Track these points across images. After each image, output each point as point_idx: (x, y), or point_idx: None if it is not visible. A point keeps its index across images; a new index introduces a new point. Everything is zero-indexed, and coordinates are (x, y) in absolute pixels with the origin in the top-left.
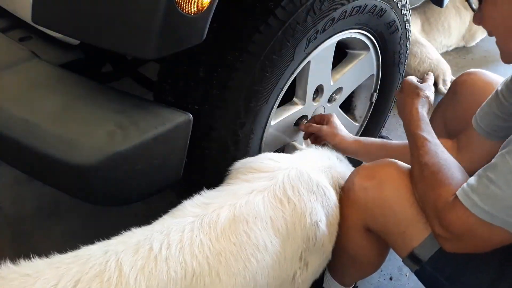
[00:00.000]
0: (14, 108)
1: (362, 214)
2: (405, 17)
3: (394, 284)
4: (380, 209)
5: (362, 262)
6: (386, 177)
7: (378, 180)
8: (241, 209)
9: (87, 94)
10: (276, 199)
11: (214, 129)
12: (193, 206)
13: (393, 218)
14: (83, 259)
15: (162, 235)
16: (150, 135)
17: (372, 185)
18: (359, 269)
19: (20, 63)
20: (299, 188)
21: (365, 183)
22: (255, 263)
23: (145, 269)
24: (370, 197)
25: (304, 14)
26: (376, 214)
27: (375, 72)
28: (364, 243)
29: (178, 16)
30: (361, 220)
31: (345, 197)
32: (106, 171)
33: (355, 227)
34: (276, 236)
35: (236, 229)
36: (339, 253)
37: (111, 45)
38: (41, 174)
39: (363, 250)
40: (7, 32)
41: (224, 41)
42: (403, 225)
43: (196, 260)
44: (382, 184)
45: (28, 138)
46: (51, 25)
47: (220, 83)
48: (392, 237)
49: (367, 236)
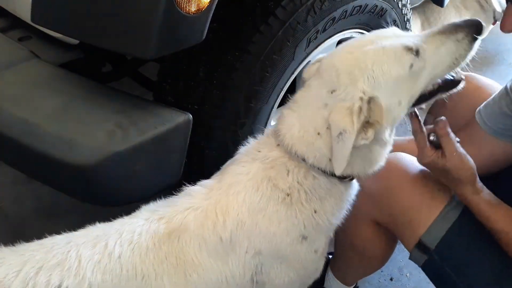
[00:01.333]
0: (13, 108)
1: (369, 206)
2: (406, 17)
3: (394, 284)
4: (386, 200)
5: (369, 257)
6: (390, 167)
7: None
8: (175, 225)
9: (87, 94)
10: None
11: (214, 129)
12: (147, 210)
13: (398, 207)
14: (47, 248)
15: (117, 233)
16: (150, 135)
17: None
18: (366, 264)
19: (19, 63)
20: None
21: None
22: (196, 277)
23: (101, 263)
24: (376, 189)
25: (305, 14)
26: (383, 205)
27: None
28: (372, 237)
29: (178, 16)
30: (370, 213)
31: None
32: (105, 171)
33: (364, 221)
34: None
35: (172, 243)
36: (345, 250)
37: (110, 45)
38: (41, 174)
39: (371, 244)
40: (7, 32)
41: (224, 41)
42: (409, 213)
43: (144, 264)
44: (387, 175)
45: (27, 138)
46: (51, 25)
47: (220, 83)
48: (399, 228)
49: (375, 230)
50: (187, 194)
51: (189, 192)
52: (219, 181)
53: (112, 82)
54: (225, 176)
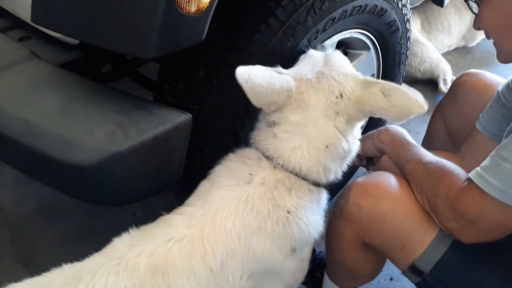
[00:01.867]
0: (14, 108)
1: (358, 231)
2: (406, 17)
3: (394, 284)
4: (376, 226)
5: (359, 275)
6: (380, 192)
7: (372, 197)
8: (159, 260)
9: (87, 94)
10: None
11: (214, 129)
12: (122, 245)
13: (391, 233)
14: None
15: (89, 276)
16: (150, 135)
17: (366, 202)
18: (356, 280)
19: (20, 63)
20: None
21: (359, 201)
22: None
23: None
24: (365, 214)
25: (305, 14)
26: (373, 231)
27: (375, 72)
28: (360, 258)
29: (178, 16)
30: (358, 237)
31: (339, 214)
32: (106, 171)
33: (352, 244)
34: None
35: (156, 281)
36: (335, 267)
37: (110, 45)
38: (41, 174)
39: (360, 264)
40: (7, 32)
41: (224, 41)
42: (401, 239)
43: None
44: (377, 200)
45: (28, 138)
46: (51, 25)
47: (221, 83)
48: (391, 252)
49: (363, 251)
50: (166, 223)
51: (168, 220)
52: (202, 207)
53: (112, 82)
54: (209, 202)
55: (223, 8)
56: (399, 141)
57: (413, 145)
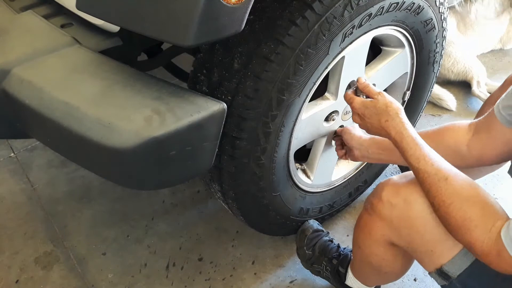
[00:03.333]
0: (55, 90)
1: (388, 230)
2: (443, 16)
3: (418, 285)
4: (406, 229)
5: (386, 272)
6: (412, 195)
7: (404, 198)
8: None
9: (126, 80)
10: None
11: (246, 120)
12: None
13: (419, 238)
14: None
15: None
16: (186, 122)
17: (398, 203)
18: (383, 278)
19: (62, 48)
20: None
21: (392, 199)
22: None
23: None
24: (395, 215)
25: (342, 9)
26: (402, 232)
27: (409, 70)
28: (388, 257)
29: (219, 5)
30: (386, 235)
31: (370, 211)
32: (142, 155)
33: (380, 242)
34: None
35: None
36: (362, 265)
37: (151, 32)
38: (78, 156)
39: (387, 263)
40: (50, 19)
41: (260, 33)
42: (430, 244)
43: None
44: (409, 202)
45: (67, 120)
46: (95, 11)
47: (254, 74)
48: (418, 254)
49: (391, 250)
50: None
51: None
52: None
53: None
54: None
55: (261, 0)
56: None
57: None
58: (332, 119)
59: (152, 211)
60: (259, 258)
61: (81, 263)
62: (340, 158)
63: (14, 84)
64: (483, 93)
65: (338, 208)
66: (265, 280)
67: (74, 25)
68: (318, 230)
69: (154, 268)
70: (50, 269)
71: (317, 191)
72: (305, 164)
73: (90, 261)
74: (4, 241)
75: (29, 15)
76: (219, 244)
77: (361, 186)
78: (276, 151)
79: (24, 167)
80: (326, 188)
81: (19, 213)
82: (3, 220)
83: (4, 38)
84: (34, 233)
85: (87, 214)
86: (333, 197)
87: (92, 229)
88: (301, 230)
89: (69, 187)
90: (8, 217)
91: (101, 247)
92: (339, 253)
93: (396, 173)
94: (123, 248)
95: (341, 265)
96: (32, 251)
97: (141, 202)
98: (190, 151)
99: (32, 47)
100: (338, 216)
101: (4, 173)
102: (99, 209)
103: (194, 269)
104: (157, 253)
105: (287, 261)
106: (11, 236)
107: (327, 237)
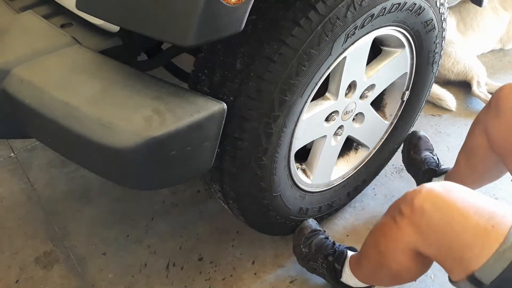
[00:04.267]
0: (55, 90)
1: (416, 238)
2: (443, 16)
3: (418, 285)
4: (435, 234)
5: (403, 278)
6: (442, 201)
7: (434, 203)
8: None
9: (126, 80)
10: None
11: (248, 121)
12: None
13: (448, 243)
14: None
15: None
16: (186, 122)
17: (429, 208)
18: (396, 281)
19: (62, 48)
20: None
21: (424, 205)
22: None
23: None
24: (425, 221)
25: (345, 9)
26: (430, 239)
27: (408, 71)
28: (410, 265)
29: (219, 5)
30: (414, 244)
31: (399, 217)
32: (141, 155)
33: (405, 251)
34: None
35: None
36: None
37: (151, 32)
38: (78, 156)
39: (407, 270)
40: (50, 19)
41: (263, 33)
42: (460, 250)
43: None
44: (437, 208)
45: (67, 120)
46: (95, 11)
47: (257, 75)
48: (447, 262)
49: (414, 259)
50: None
51: None
52: None
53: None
54: None
55: (264, 1)
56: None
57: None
58: (333, 119)
59: (152, 211)
60: (259, 258)
61: (81, 263)
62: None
63: (14, 84)
64: (483, 93)
65: (337, 207)
66: (265, 280)
67: (74, 25)
68: (316, 230)
69: (154, 268)
70: (50, 269)
71: (316, 191)
72: (305, 164)
73: (90, 261)
74: (4, 241)
75: (29, 15)
76: (219, 244)
77: (359, 185)
78: (277, 151)
79: (24, 167)
80: (325, 188)
81: (19, 213)
82: (3, 220)
83: (4, 38)
84: (34, 233)
85: (87, 214)
86: (332, 196)
87: (92, 229)
88: (299, 229)
89: (69, 187)
90: (8, 217)
91: (101, 247)
92: (334, 249)
93: (395, 173)
94: (123, 248)
95: (337, 261)
96: (32, 251)
97: (141, 202)
98: (190, 151)
99: (32, 47)
100: (338, 216)
101: (4, 173)
102: (99, 209)
103: (194, 269)
104: (157, 253)
105: (287, 261)
106: (11, 236)
107: (323, 235)
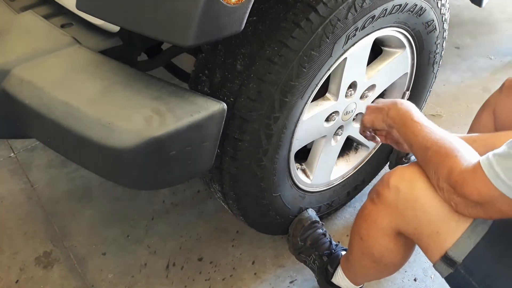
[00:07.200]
0: (55, 90)
1: (394, 216)
2: (444, 17)
3: (418, 285)
4: (411, 210)
5: (386, 264)
6: (416, 176)
7: (408, 180)
8: None
9: (126, 80)
10: None
11: (248, 122)
12: None
13: (425, 218)
14: None
15: None
16: (186, 122)
17: (403, 186)
18: (381, 270)
19: (62, 48)
20: None
21: (398, 184)
22: None
23: None
24: (401, 198)
25: (345, 11)
26: (408, 215)
27: (409, 71)
28: (391, 247)
29: (219, 5)
30: (393, 223)
31: (376, 199)
32: (142, 155)
33: (385, 230)
34: None
35: None
36: (362, 257)
37: (151, 32)
38: (79, 156)
39: (390, 253)
40: (50, 19)
41: (264, 34)
42: (435, 224)
43: None
44: (413, 183)
45: (67, 120)
46: (95, 11)
47: (257, 76)
48: (424, 239)
49: (395, 240)
50: None
51: None
52: None
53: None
54: None
55: (264, 2)
56: (408, 116)
57: (423, 121)
58: (333, 120)
59: (152, 211)
60: (259, 258)
61: (81, 263)
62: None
63: (14, 84)
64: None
65: (336, 207)
66: (265, 280)
67: (74, 25)
68: (315, 222)
69: (154, 268)
70: (50, 269)
71: (316, 191)
72: (305, 164)
73: (90, 261)
74: (4, 241)
75: (29, 15)
76: (219, 244)
77: (359, 185)
78: (277, 152)
79: (24, 167)
80: (325, 188)
81: (19, 213)
82: (3, 220)
83: (4, 38)
84: (34, 233)
85: (87, 214)
86: (332, 196)
87: (92, 229)
88: (298, 219)
89: (69, 187)
90: (8, 217)
91: (101, 247)
92: (330, 251)
93: None
94: (123, 248)
95: (331, 264)
96: (32, 251)
97: (141, 202)
98: (190, 151)
99: (32, 47)
100: (338, 216)
101: (4, 173)
102: (99, 209)
103: (194, 269)
104: (157, 253)
105: (287, 261)
106: (11, 236)
107: (321, 229)
